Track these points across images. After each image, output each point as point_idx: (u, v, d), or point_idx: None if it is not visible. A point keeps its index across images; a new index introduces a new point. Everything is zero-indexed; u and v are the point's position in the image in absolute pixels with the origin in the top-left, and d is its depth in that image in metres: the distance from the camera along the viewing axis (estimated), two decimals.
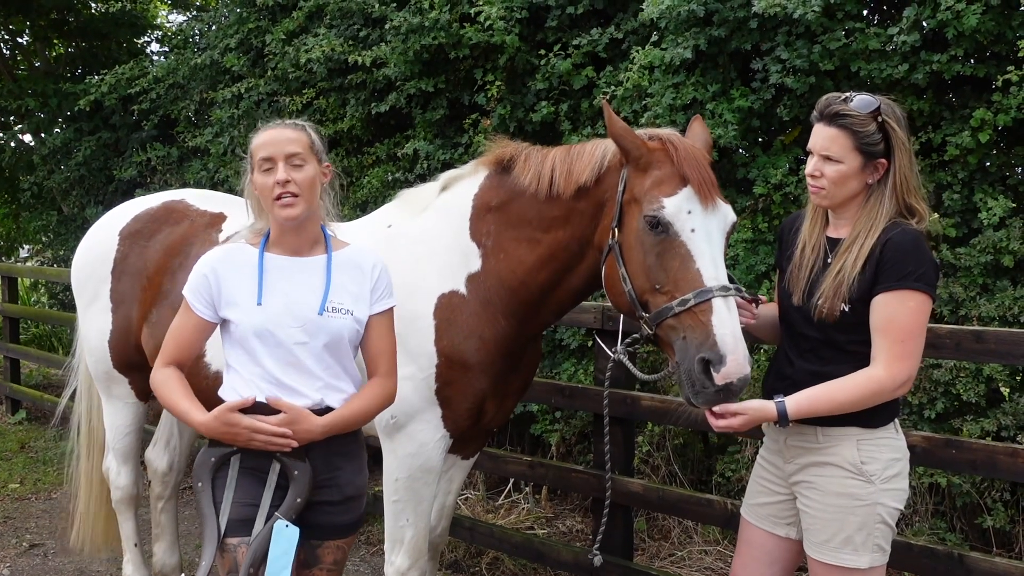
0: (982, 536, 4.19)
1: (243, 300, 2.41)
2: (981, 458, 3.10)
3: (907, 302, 2.34)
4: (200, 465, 2.41)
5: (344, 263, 2.51)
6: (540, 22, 5.38)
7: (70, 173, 9.13)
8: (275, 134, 2.42)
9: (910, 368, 2.36)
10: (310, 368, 2.41)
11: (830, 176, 2.43)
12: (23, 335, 10.36)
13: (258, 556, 2.29)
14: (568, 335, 5.07)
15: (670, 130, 2.74)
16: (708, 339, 2.37)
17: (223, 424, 2.33)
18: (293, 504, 2.35)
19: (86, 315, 3.96)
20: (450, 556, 4.95)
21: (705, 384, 2.37)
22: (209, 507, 2.35)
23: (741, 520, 2.77)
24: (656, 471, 5.05)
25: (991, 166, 4.10)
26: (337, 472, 2.47)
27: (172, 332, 2.51)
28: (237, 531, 2.33)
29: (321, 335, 2.41)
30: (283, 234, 2.48)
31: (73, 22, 10.62)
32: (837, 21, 4.17)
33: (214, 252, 2.53)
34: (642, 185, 2.59)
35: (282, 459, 2.37)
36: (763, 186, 4.44)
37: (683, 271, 2.48)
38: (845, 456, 2.43)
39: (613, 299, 2.74)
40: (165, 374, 2.48)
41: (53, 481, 6.55)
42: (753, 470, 2.76)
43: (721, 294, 2.42)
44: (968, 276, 4.00)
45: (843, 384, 2.39)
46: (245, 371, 2.42)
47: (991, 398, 3.99)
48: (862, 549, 2.42)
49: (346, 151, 6.45)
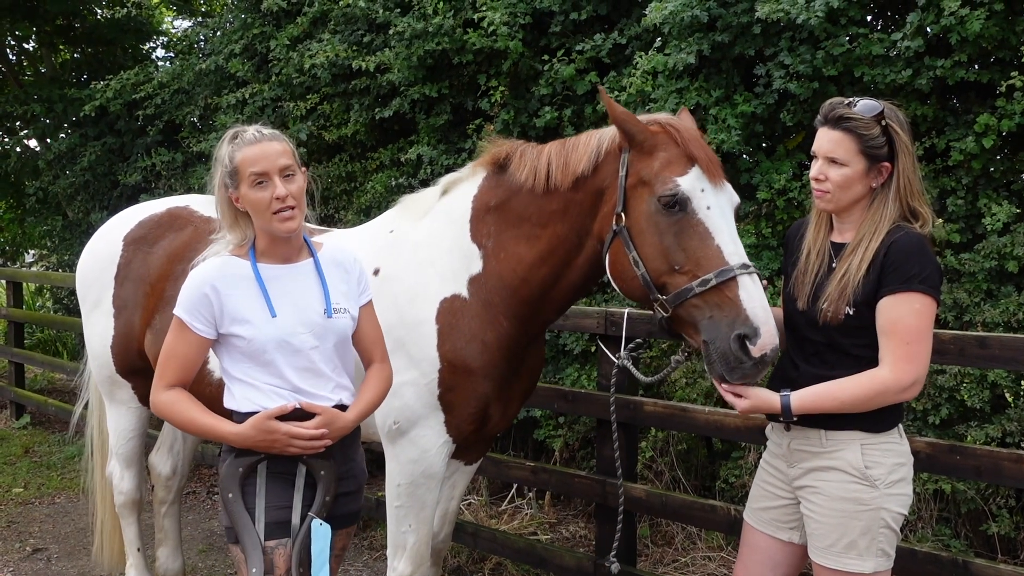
0: (987, 543, 4.17)
1: (253, 315, 2.40)
2: (986, 464, 3.09)
3: (912, 304, 2.34)
4: (228, 476, 2.42)
5: (328, 263, 2.55)
6: (544, 27, 5.39)
7: (75, 178, 9.16)
8: (265, 148, 2.40)
9: (916, 370, 2.36)
10: (323, 371, 2.46)
11: (835, 179, 2.45)
12: (27, 340, 10.39)
13: (302, 556, 2.36)
14: (571, 340, 5.07)
15: (665, 114, 2.77)
16: (740, 315, 2.39)
17: (262, 433, 2.34)
18: (323, 502, 2.43)
19: (90, 320, 3.97)
20: (453, 561, 4.95)
21: (742, 359, 2.38)
22: (244, 515, 2.38)
23: (744, 524, 2.77)
24: (659, 476, 5.04)
25: (995, 172, 4.09)
26: (351, 463, 2.58)
27: (170, 353, 2.45)
28: (273, 534, 2.39)
29: (330, 336, 2.46)
30: (273, 244, 2.48)
31: (79, 28, 10.67)
32: (840, 26, 4.17)
33: (208, 268, 2.47)
34: (650, 167, 2.60)
35: (309, 461, 2.44)
36: (766, 191, 4.44)
37: (703, 249, 2.49)
38: (849, 460, 2.43)
39: (621, 285, 2.72)
40: (172, 396, 2.44)
41: (57, 486, 6.56)
42: (756, 474, 2.76)
43: (743, 271, 2.44)
44: (972, 282, 3.99)
45: (847, 383, 2.39)
46: (261, 382, 2.42)
47: (996, 404, 3.98)
48: (866, 554, 2.42)
49: (350, 156, 6.46)
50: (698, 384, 4.79)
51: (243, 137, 2.44)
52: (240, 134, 2.46)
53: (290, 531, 2.39)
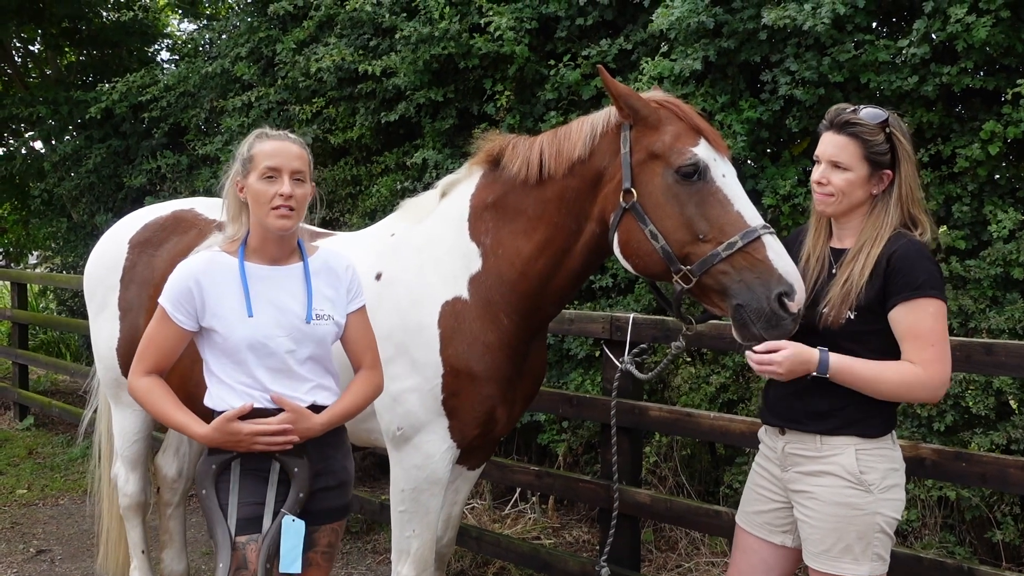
0: (991, 550, 4.16)
1: (231, 312, 2.44)
2: (991, 471, 3.09)
3: (927, 309, 2.37)
4: (202, 473, 2.47)
5: (319, 269, 2.58)
6: (550, 32, 5.40)
7: (80, 180, 9.17)
8: (284, 147, 2.48)
9: (945, 371, 2.40)
10: (299, 373, 2.49)
11: (838, 184, 2.48)
12: (31, 341, 10.40)
13: (272, 551, 2.40)
14: (576, 345, 5.07)
15: (657, 90, 2.83)
16: (774, 274, 2.43)
17: (225, 434, 2.40)
18: (296, 499, 2.46)
19: (96, 323, 3.98)
20: (456, 566, 4.95)
21: (783, 317, 2.41)
22: (216, 511, 2.43)
23: (736, 528, 2.78)
24: (663, 482, 5.04)
25: (1000, 178, 4.09)
26: (330, 460, 2.59)
27: (151, 339, 2.52)
28: (245, 529, 2.43)
29: (308, 342, 2.49)
30: (265, 243, 2.51)
31: (84, 31, 10.69)
32: (847, 33, 4.17)
33: (194, 261, 2.53)
34: (661, 140, 2.63)
35: (281, 458, 2.47)
36: (772, 197, 4.44)
37: (725, 215, 2.53)
38: (844, 465, 2.45)
39: (636, 262, 2.71)
40: (148, 383, 2.51)
41: (60, 487, 6.57)
42: (749, 477, 2.77)
43: (765, 231, 2.49)
44: (978, 288, 3.99)
45: (887, 364, 2.40)
46: (232, 380, 2.47)
47: (1001, 411, 3.97)
48: (862, 558, 2.44)
49: (355, 160, 6.47)
50: (702, 389, 4.79)
51: (268, 134, 2.54)
52: (266, 132, 2.55)
53: (261, 527, 2.43)
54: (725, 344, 3.95)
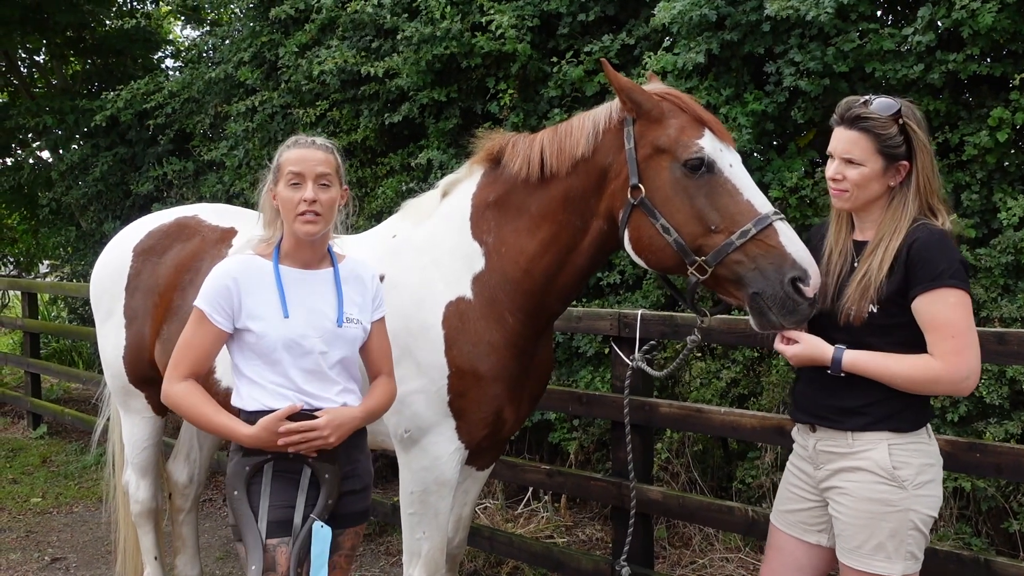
0: (1008, 540, 4.13)
1: (268, 312, 2.48)
2: (1006, 461, 3.06)
3: (947, 299, 2.33)
4: (235, 475, 2.49)
5: (348, 275, 2.63)
6: (552, 30, 5.38)
7: (88, 188, 9.21)
8: (309, 153, 2.51)
9: (968, 363, 2.34)
10: (330, 375, 2.52)
11: (852, 179, 2.43)
12: (43, 350, 10.45)
13: (302, 556, 2.42)
14: (585, 342, 5.05)
15: (657, 83, 2.83)
16: (787, 259, 2.44)
17: (273, 434, 2.41)
18: (325, 505, 2.48)
19: (103, 331, 3.99)
20: (469, 566, 4.94)
21: (798, 302, 2.41)
22: (248, 513, 2.45)
23: (770, 527, 2.74)
24: (675, 478, 5.02)
25: (1010, 165, 4.05)
26: (355, 463, 2.62)
27: (187, 344, 2.52)
28: (275, 532, 2.45)
29: (339, 344, 2.53)
30: (298, 248, 2.56)
31: (89, 39, 10.73)
32: (851, 22, 4.14)
33: (231, 263, 2.57)
34: (666, 134, 2.63)
35: (312, 463, 2.48)
36: (778, 189, 4.41)
37: (735, 205, 2.54)
38: (877, 461, 2.40)
39: (649, 257, 2.71)
40: (185, 388, 2.51)
41: (75, 495, 6.59)
42: (783, 476, 2.74)
43: (776, 217, 2.49)
44: (989, 277, 3.95)
45: (904, 359, 2.37)
46: (265, 381, 2.49)
47: (1014, 400, 3.94)
48: (895, 556, 2.39)
49: (360, 162, 6.46)
50: (713, 384, 4.77)
51: (296, 141, 2.57)
52: (297, 140, 2.58)
53: (292, 530, 2.44)
54: (735, 339, 3.93)
